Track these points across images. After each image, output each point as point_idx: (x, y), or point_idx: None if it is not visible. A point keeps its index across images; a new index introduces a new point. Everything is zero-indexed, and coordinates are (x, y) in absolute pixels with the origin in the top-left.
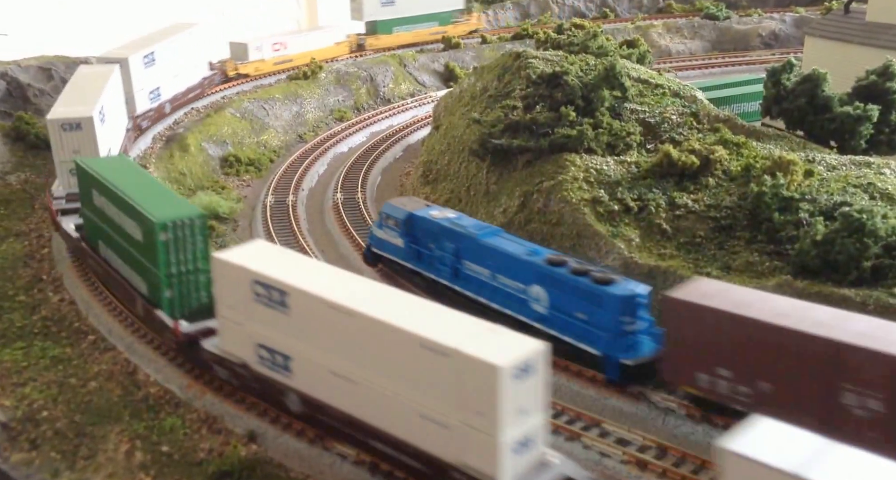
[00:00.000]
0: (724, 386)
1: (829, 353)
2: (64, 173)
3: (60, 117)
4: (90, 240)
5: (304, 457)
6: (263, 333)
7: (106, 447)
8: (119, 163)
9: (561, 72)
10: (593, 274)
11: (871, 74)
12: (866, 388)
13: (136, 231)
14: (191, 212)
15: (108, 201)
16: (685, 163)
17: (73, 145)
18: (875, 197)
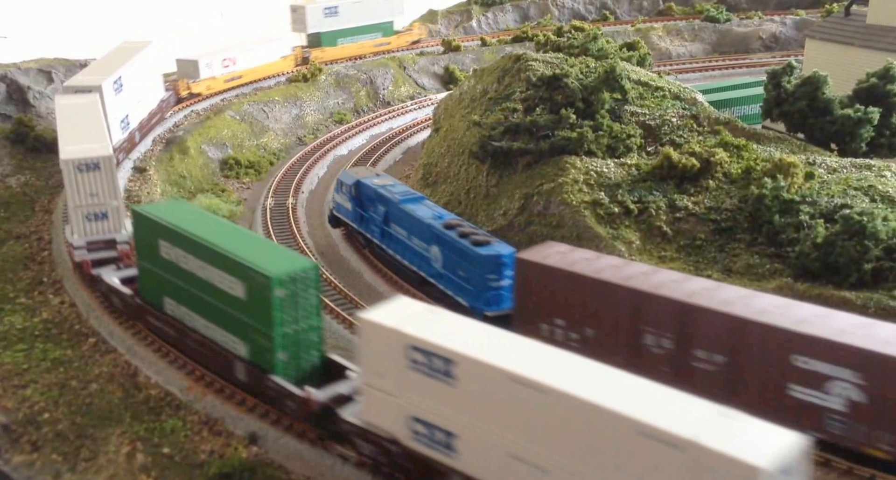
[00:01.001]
0: (560, 334)
1: (633, 302)
2: (79, 219)
3: (76, 157)
4: (150, 296)
5: (305, 459)
6: (420, 405)
7: (107, 449)
8: (182, 208)
9: (561, 74)
10: (473, 237)
11: (872, 77)
12: (660, 330)
13: (236, 287)
14: (304, 264)
15: (187, 253)
16: (685, 165)
17: (90, 187)
18: (876, 199)
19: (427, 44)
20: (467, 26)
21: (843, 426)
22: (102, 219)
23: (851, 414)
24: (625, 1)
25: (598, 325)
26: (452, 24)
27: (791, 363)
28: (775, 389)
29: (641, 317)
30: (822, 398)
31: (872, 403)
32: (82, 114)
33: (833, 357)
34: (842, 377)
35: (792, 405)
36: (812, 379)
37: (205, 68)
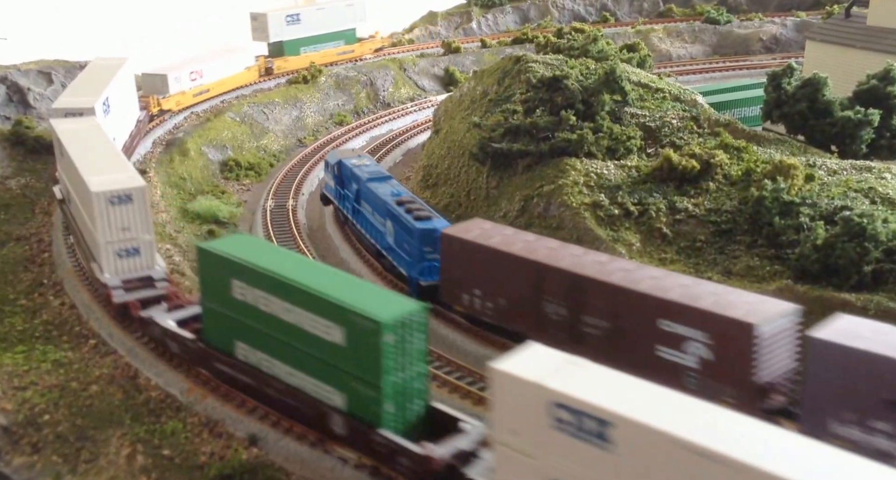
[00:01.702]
0: (478, 303)
1: (536, 273)
2: (110, 256)
3: (108, 190)
4: (217, 340)
5: (305, 461)
6: (567, 471)
7: (107, 450)
8: (251, 243)
9: (561, 76)
10: (416, 213)
11: (872, 79)
12: (557, 298)
13: (332, 332)
14: (412, 307)
15: (268, 294)
16: (686, 167)
17: (122, 221)
18: (876, 201)
19: (426, 45)
20: (467, 28)
21: (697, 382)
22: (134, 255)
23: (703, 371)
24: (625, 2)
25: (509, 295)
26: (452, 25)
27: (658, 326)
28: (647, 350)
29: (542, 287)
30: (681, 357)
31: (718, 360)
32: (91, 141)
33: (687, 320)
34: (694, 337)
35: (660, 364)
36: (673, 340)
37: (174, 82)
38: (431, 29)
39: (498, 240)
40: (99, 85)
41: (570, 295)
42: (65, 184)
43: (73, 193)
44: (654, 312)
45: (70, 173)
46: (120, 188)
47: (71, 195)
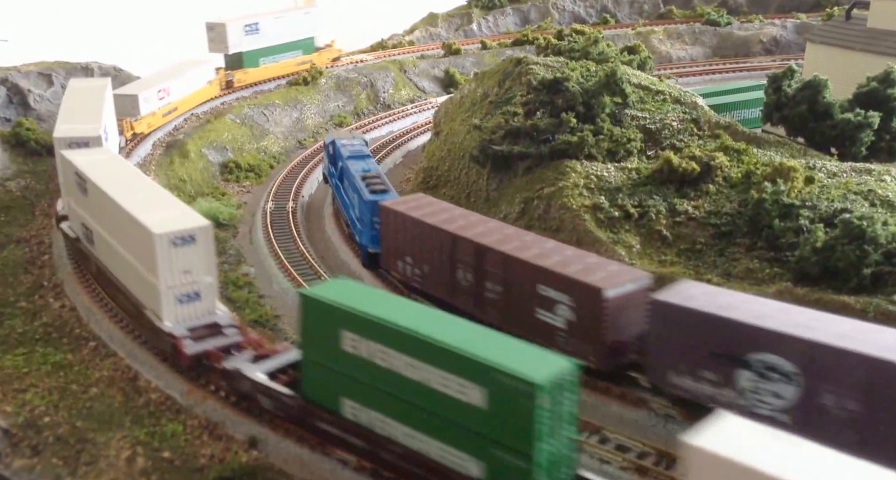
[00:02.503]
0: (409, 270)
1: (450, 242)
2: (171, 302)
3: (171, 231)
4: (319, 396)
5: (304, 463)
6: None
7: (107, 453)
8: (359, 290)
9: (562, 78)
10: (373, 187)
11: (872, 81)
12: (466, 266)
13: (470, 392)
14: (564, 365)
15: (388, 348)
16: (686, 169)
17: (184, 263)
18: (876, 204)
19: (427, 47)
20: (468, 29)
21: (565, 340)
22: (195, 299)
23: (569, 331)
24: (625, 4)
25: (431, 262)
26: (453, 27)
27: (536, 291)
28: (529, 313)
29: (455, 256)
30: (553, 318)
31: (579, 321)
32: (123, 175)
33: (557, 284)
34: (563, 301)
35: (538, 326)
36: (548, 303)
37: (144, 103)
38: (432, 30)
39: (425, 211)
40: (94, 111)
41: (475, 262)
42: (83, 223)
43: (103, 234)
44: (534, 278)
45: (102, 212)
46: (184, 228)
47: (98, 236)
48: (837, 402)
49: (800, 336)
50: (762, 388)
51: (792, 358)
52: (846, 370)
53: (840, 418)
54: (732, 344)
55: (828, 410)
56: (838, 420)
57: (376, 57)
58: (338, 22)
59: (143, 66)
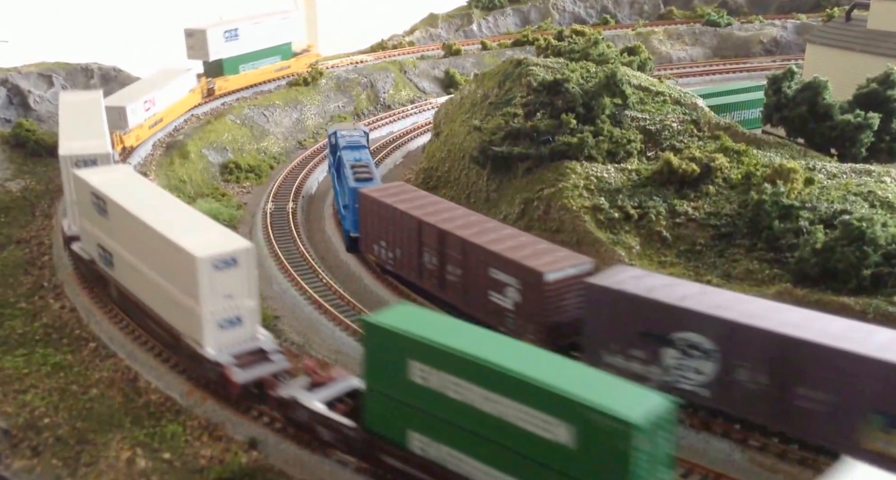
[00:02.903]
0: (383, 254)
1: (417, 228)
2: (212, 330)
3: (213, 254)
4: (385, 429)
5: (304, 464)
6: None
7: (107, 454)
8: (426, 317)
9: (562, 79)
10: (360, 174)
11: (872, 82)
12: (431, 250)
13: (555, 429)
14: (659, 401)
15: (461, 379)
16: (686, 170)
17: (226, 288)
18: (875, 205)
19: (427, 47)
20: (468, 30)
21: (513, 321)
22: (237, 324)
23: (516, 312)
24: (626, 5)
25: (402, 246)
26: (453, 27)
27: (489, 274)
28: (483, 295)
29: (421, 240)
30: (503, 300)
31: (524, 303)
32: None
33: (506, 268)
34: (511, 284)
35: (492, 308)
36: (499, 286)
37: (132, 115)
38: (432, 31)
39: (398, 198)
40: (97, 125)
41: (438, 246)
42: (100, 244)
43: (128, 257)
44: (487, 262)
45: (127, 234)
46: (226, 251)
47: (120, 259)
48: (750, 376)
49: (717, 315)
50: (685, 365)
51: (710, 336)
52: (757, 346)
53: (753, 391)
54: (658, 324)
55: (742, 384)
56: (751, 392)
57: (376, 57)
58: (338, 22)
59: (143, 67)
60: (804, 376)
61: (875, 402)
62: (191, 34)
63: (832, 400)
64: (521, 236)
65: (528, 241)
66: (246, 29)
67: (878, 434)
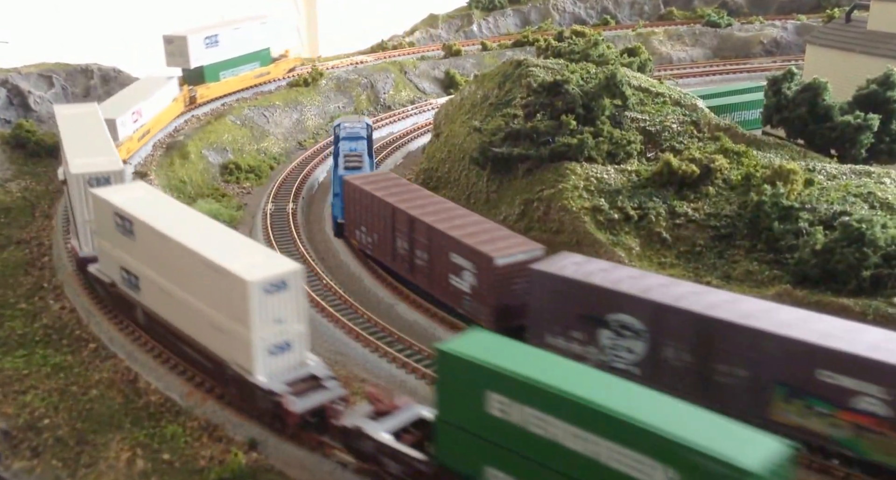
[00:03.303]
0: (363, 239)
1: (391, 214)
2: (263, 355)
3: (264, 278)
4: (459, 463)
5: (304, 465)
6: None
7: (107, 454)
8: (506, 345)
9: (562, 80)
10: (349, 163)
11: (872, 83)
12: (402, 235)
13: (653, 473)
14: (771, 445)
15: (548, 415)
16: (685, 171)
17: (276, 312)
18: (875, 206)
19: (427, 48)
20: (468, 30)
21: (469, 304)
22: (286, 350)
23: (473, 295)
24: (626, 5)
25: (379, 231)
26: (453, 28)
27: (450, 259)
28: (445, 278)
29: (395, 225)
30: (461, 283)
31: (479, 286)
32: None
33: (464, 253)
34: (468, 268)
35: (452, 290)
36: (458, 270)
37: (122, 127)
38: (432, 31)
39: (378, 186)
40: (103, 140)
41: (409, 231)
42: (124, 267)
43: (160, 281)
44: (448, 247)
45: (159, 257)
46: (276, 274)
47: (149, 282)
48: (676, 354)
49: (646, 297)
50: (618, 345)
51: (640, 318)
52: (680, 326)
53: (678, 368)
54: (595, 307)
55: (668, 361)
56: (677, 370)
57: (376, 58)
58: (338, 23)
59: (143, 68)
60: (721, 353)
61: (778, 374)
62: (171, 41)
63: (745, 374)
64: (485, 223)
65: (489, 228)
66: (226, 35)
67: (781, 404)
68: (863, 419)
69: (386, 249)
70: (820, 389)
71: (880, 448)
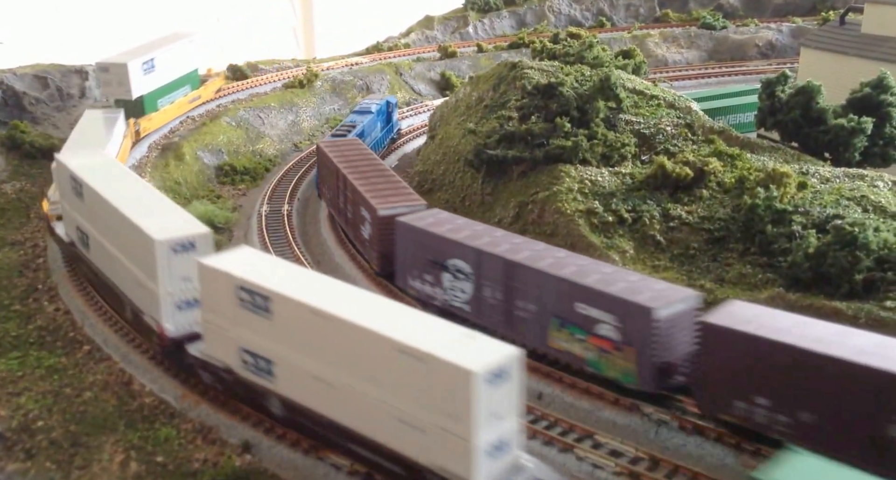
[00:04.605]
0: (328, 195)
1: (336, 175)
2: None
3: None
4: None
5: (298, 468)
6: None
7: (101, 457)
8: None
9: (556, 83)
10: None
11: (866, 86)
12: (342, 193)
13: None
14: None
15: None
16: (679, 174)
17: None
18: (868, 209)
19: (423, 49)
20: (464, 32)
21: (368, 250)
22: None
23: (369, 242)
24: (621, 7)
25: (333, 191)
26: (449, 29)
27: (360, 212)
28: (359, 229)
29: (338, 186)
30: (365, 233)
31: (372, 235)
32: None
33: (365, 206)
34: (367, 219)
35: (361, 239)
36: (364, 221)
37: None
38: (428, 33)
39: (337, 151)
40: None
41: (344, 190)
42: None
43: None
44: (359, 202)
45: None
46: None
47: None
48: (492, 293)
49: (470, 244)
50: (455, 286)
51: (469, 262)
52: (494, 268)
53: (493, 305)
54: (439, 254)
55: (487, 300)
56: (493, 307)
57: (372, 59)
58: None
59: None
60: (518, 291)
61: (553, 308)
62: (106, 69)
63: (534, 308)
64: (399, 184)
65: (392, 183)
66: (161, 58)
67: (555, 333)
68: (603, 342)
69: (336, 207)
70: (577, 319)
71: (611, 365)
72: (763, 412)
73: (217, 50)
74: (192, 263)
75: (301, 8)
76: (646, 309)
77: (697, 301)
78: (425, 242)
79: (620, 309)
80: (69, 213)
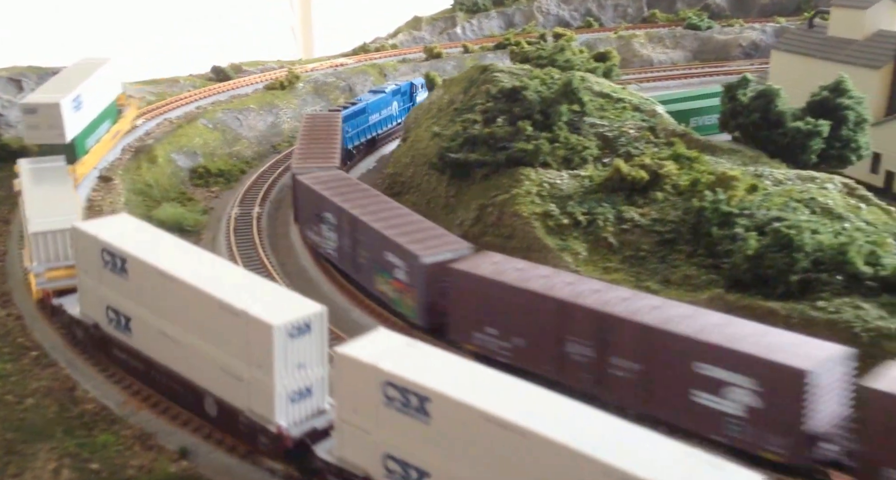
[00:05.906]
0: None
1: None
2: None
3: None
4: None
5: (234, 473)
6: None
7: (34, 465)
8: None
9: (520, 86)
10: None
11: (824, 90)
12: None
13: None
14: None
15: None
16: (635, 177)
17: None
18: (816, 211)
19: (409, 50)
20: (452, 33)
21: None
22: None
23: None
24: (609, 8)
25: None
26: (437, 30)
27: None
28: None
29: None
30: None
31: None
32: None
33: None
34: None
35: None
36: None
37: None
38: (416, 34)
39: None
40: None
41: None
42: None
43: None
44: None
45: None
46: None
47: None
48: (347, 243)
49: (335, 201)
50: (328, 236)
51: (334, 215)
52: (348, 221)
53: (347, 253)
54: (319, 208)
55: (345, 248)
56: (347, 255)
57: (357, 60)
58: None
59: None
60: (361, 242)
61: (376, 257)
62: (33, 110)
63: (367, 255)
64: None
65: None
66: (86, 92)
67: (378, 278)
68: (399, 284)
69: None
70: (386, 266)
71: (405, 304)
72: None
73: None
74: (307, 348)
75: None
76: None
77: None
78: (312, 199)
79: None
80: (95, 291)
